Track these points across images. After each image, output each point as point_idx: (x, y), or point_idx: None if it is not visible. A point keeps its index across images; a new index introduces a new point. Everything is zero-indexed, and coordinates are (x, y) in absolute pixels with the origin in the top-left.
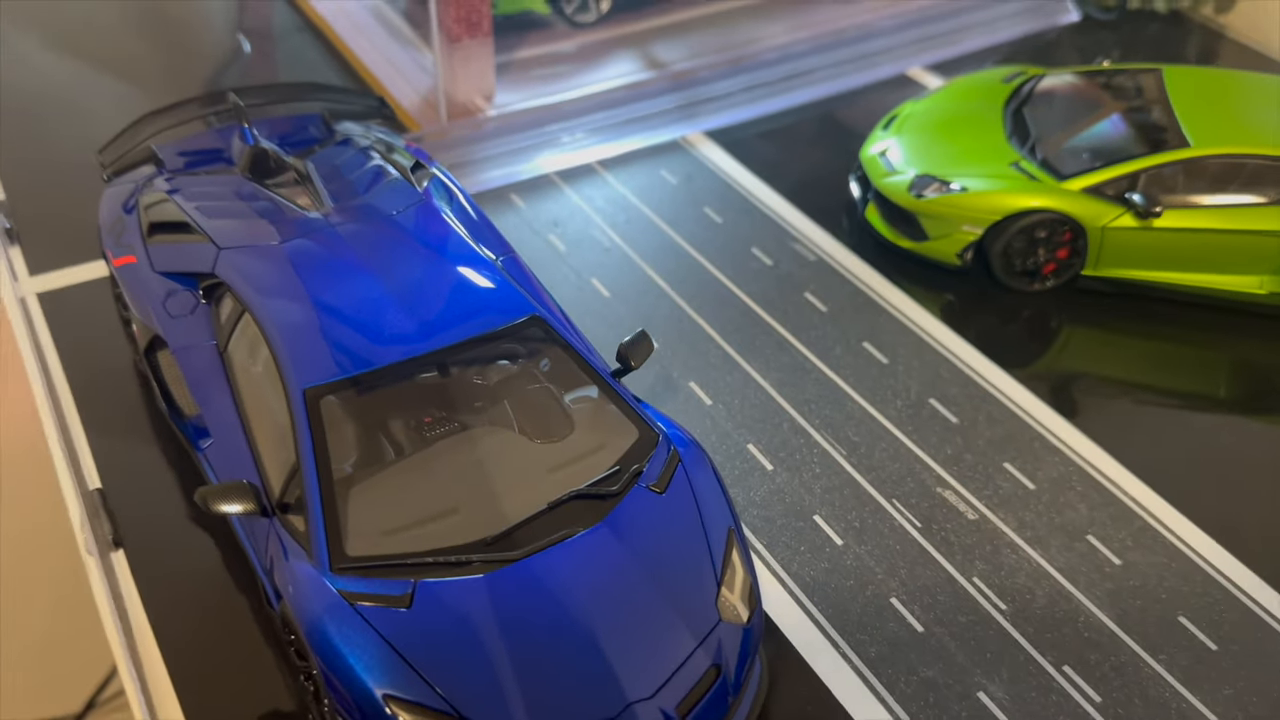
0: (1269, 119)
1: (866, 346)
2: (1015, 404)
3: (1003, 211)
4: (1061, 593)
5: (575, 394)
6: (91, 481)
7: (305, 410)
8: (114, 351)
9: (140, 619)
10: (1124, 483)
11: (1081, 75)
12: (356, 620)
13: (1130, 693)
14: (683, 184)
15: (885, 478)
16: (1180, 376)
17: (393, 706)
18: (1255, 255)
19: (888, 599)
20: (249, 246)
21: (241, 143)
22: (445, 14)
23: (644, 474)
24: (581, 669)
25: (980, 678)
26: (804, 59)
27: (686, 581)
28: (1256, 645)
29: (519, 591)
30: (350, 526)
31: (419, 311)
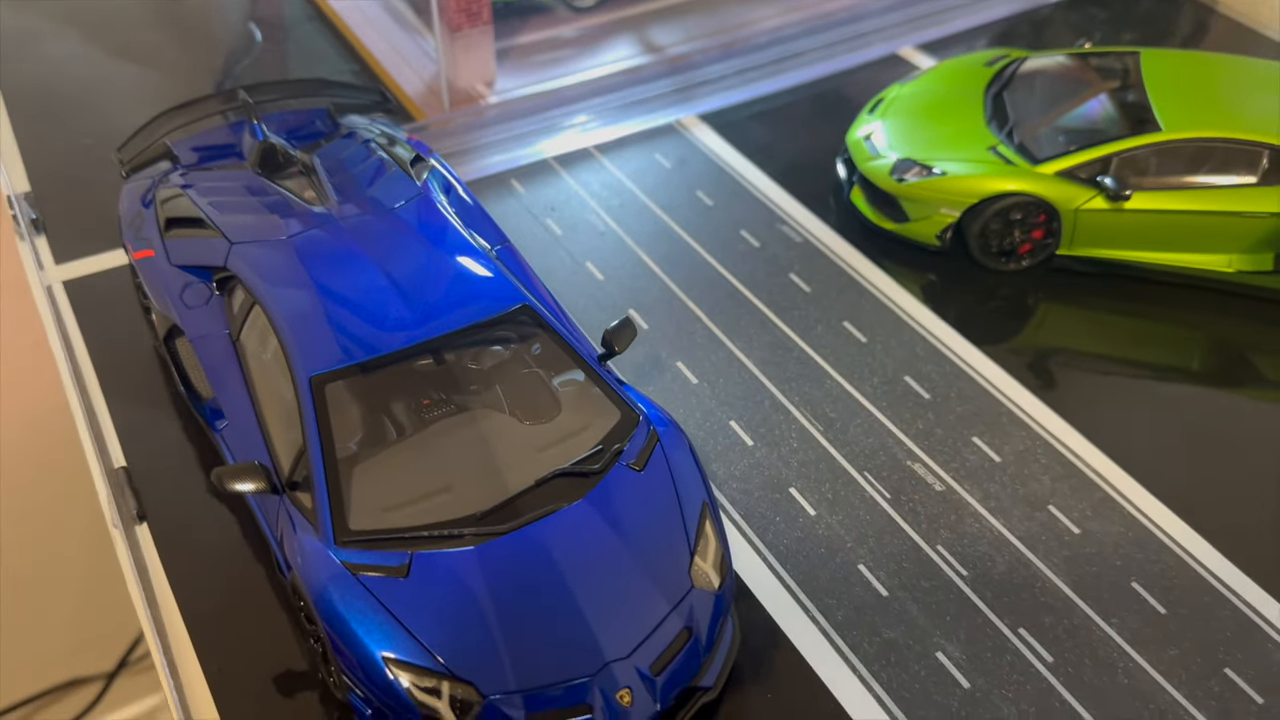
0: (1242, 102)
1: (847, 326)
2: (987, 380)
3: (978, 195)
4: (1021, 560)
5: (562, 378)
6: (117, 460)
7: (311, 396)
8: (136, 336)
9: (164, 587)
10: (1088, 456)
11: (1061, 59)
12: (359, 589)
13: (1081, 654)
14: (676, 167)
15: (859, 451)
16: (1149, 352)
17: (392, 667)
18: (1223, 235)
19: (855, 566)
20: (258, 241)
21: (251, 138)
22: (446, 3)
23: (624, 453)
24: (564, 631)
25: (939, 639)
26: (795, 41)
27: (662, 552)
28: (1204, 609)
29: (507, 561)
30: (352, 503)
31: (417, 301)
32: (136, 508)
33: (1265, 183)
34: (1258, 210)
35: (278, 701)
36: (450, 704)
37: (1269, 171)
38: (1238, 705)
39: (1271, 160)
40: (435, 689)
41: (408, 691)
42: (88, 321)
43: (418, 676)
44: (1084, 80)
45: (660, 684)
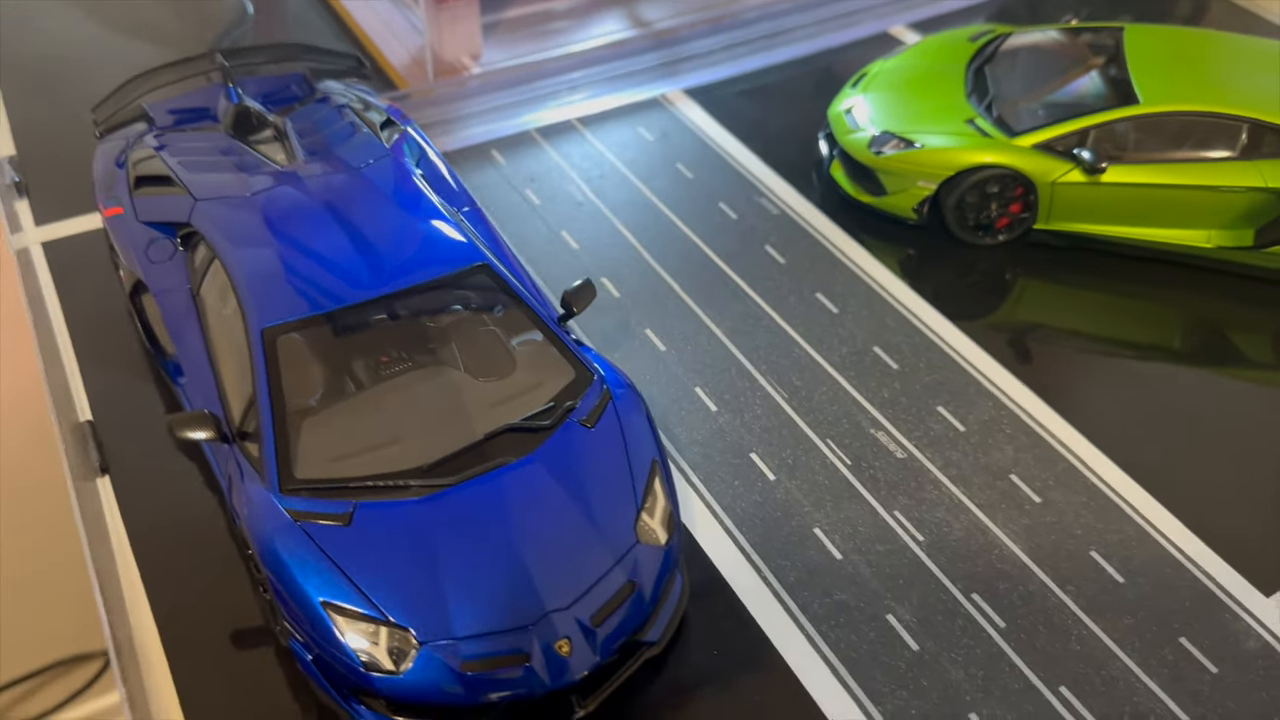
0: (1224, 77)
1: (819, 297)
2: (956, 351)
3: (954, 167)
4: (979, 526)
5: (519, 337)
6: (83, 415)
7: (262, 348)
8: (110, 296)
9: (123, 539)
10: (1054, 427)
11: (1045, 34)
12: (301, 536)
13: (1035, 620)
14: (659, 141)
15: (822, 419)
16: (1123, 328)
17: (330, 613)
18: (1202, 210)
19: (811, 529)
20: (222, 198)
21: (227, 101)
22: None
23: (576, 410)
24: (504, 582)
25: (891, 601)
26: (785, 17)
27: (608, 508)
28: (1163, 580)
29: (450, 513)
30: (299, 453)
31: (374, 258)
32: (99, 460)
33: (1244, 157)
34: (1235, 185)
35: (229, 652)
36: (387, 649)
37: (1248, 146)
38: (1191, 674)
39: (1251, 134)
40: (373, 635)
41: (345, 636)
42: (64, 281)
43: (355, 622)
44: (1066, 55)
45: (601, 635)
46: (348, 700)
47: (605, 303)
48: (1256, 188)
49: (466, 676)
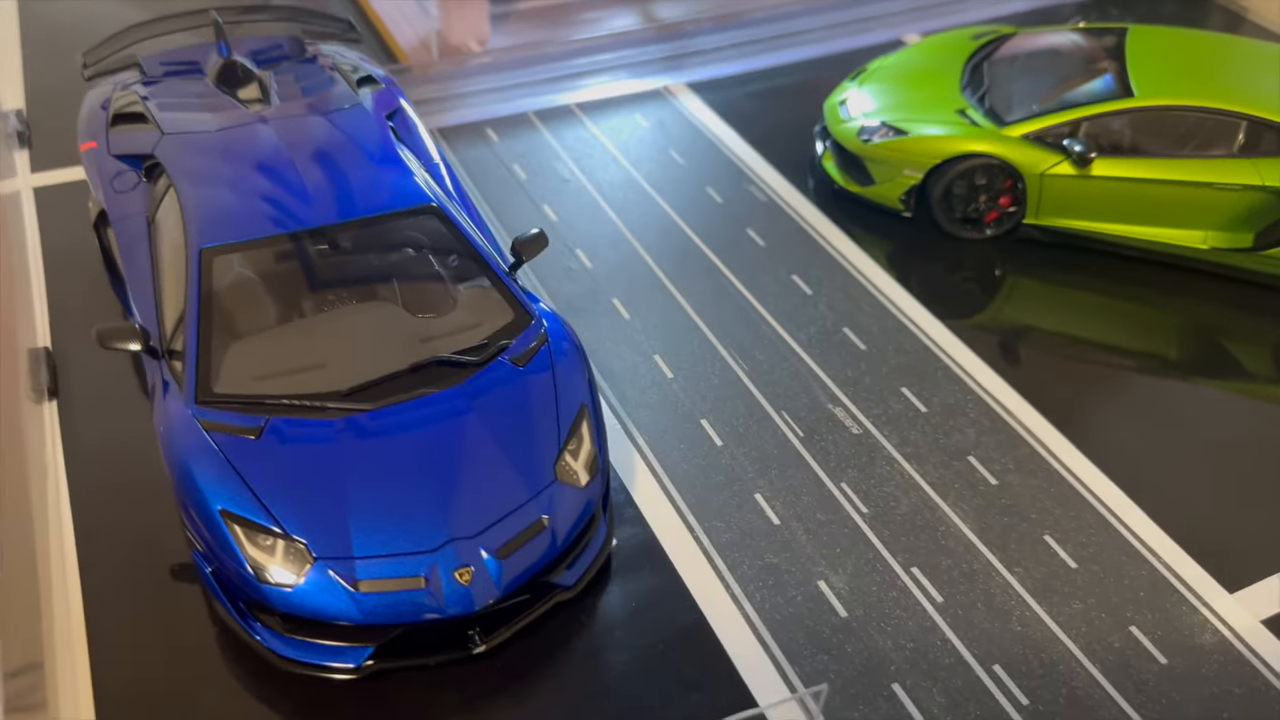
0: (1224, 75)
1: (794, 279)
2: (928, 336)
3: (940, 155)
4: (928, 504)
5: (462, 279)
6: (43, 342)
7: (199, 267)
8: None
9: (59, 464)
10: (1022, 415)
11: (1049, 34)
12: (208, 445)
13: (974, 597)
14: (654, 128)
15: (779, 392)
16: (1109, 327)
17: (228, 521)
18: (1196, 209)
19: (752, 495)
20: (187, 133)
21: (217, 56)
22: None
23: (509, 349)
24: (410, 507)
25: (824, 568)
26: (797, 19)
27: (529, 445)
28: (1118, 567)
29: (363, 436)
30: (220, 368)
31: (324, 193)
32: (49, 382)
33: (1242, 155)
34: (1231, 182)
35: (141, 570)
36: (282, 562)
37: (1246, 144)
38: (1139, 663)
39: (1249, 132)
40: (269, 547)
41: (240, 545)
42: (46, 220)
43: (252, 532)
44: (1066, 53)
45: (506, 569)
46: (244, 617)
47: (576, 272)
48: (1253, 186)
49: (360, 596)
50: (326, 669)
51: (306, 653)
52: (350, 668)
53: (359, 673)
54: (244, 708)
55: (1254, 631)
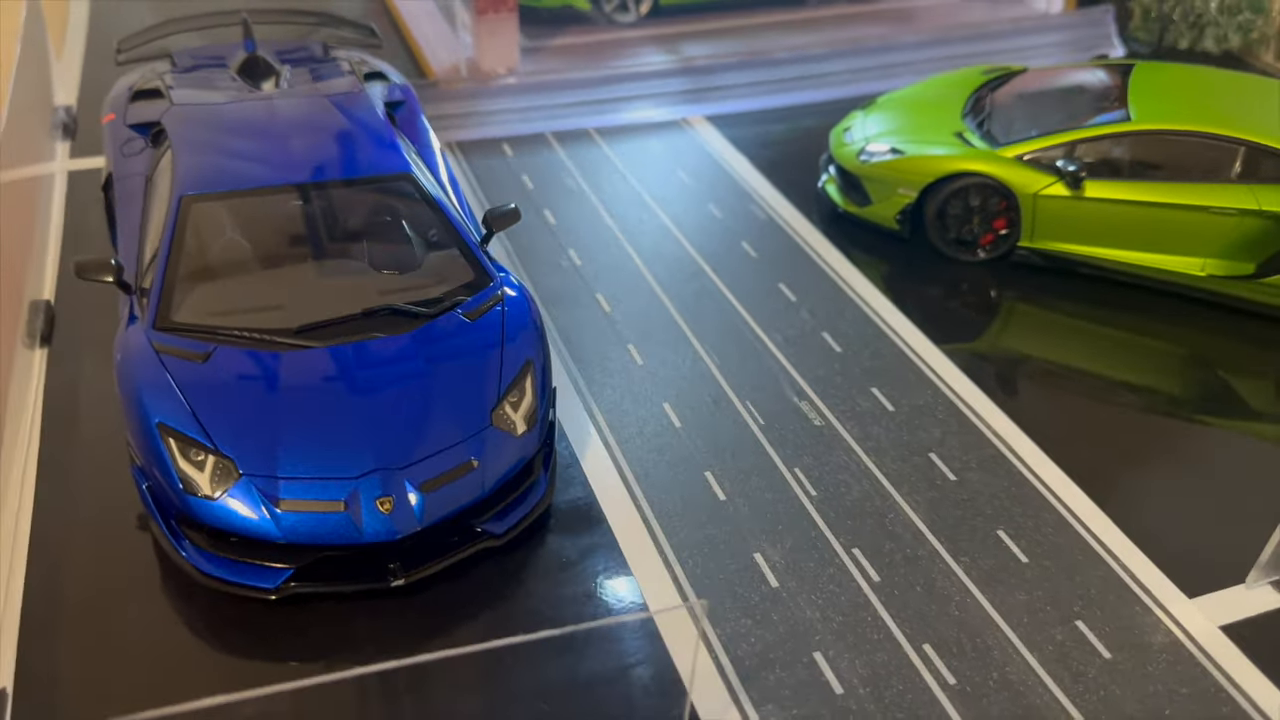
0: (1222, 103)
1: (781, 287)
2: (906, 344)
3: (934, 174)
4: (880, 492)
5: (432, 244)
6: (47, 296)
7: (177, 210)
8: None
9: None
10: (992, 420)
11: (1059, 70)
12: (155, 364)
13: (913, 580)
14: (667, 153)
15: (747, 383)
16: (1095, 351)
17: (164, 434)
18: (1195, 234)
19: (702, 472)
20: (193, 104)
21: (243, 51)
22: None
23: (464, 305)
24: (341, 436)
25: (763, 542)
26: (821, 62)
27: (468, 391)
28: (1072, 567)
29: (305, 370)
30: (182, 300)
31: (307, 156)
32: (44, 329)
33: (1239, 180)
34: (1226, 206)
35: (95, 493)
36: (209, 476)
37: (1243, 170)
38: (1081, 656)
39: (1246, 159)
40: (200, 462)
41: (172, 457)
42: (73, 194)
43: (185, 445)
44: (1071, 84)
45: (428, 503)
46: (174, 534)
47: (565, 269)
48: (1250, 211)
49: (280, 513)
50: (246, 588)
51: (228, 571)
52: (268, 589)
53: (277, 593)
54: (162, 619)
55: (1210, 636)
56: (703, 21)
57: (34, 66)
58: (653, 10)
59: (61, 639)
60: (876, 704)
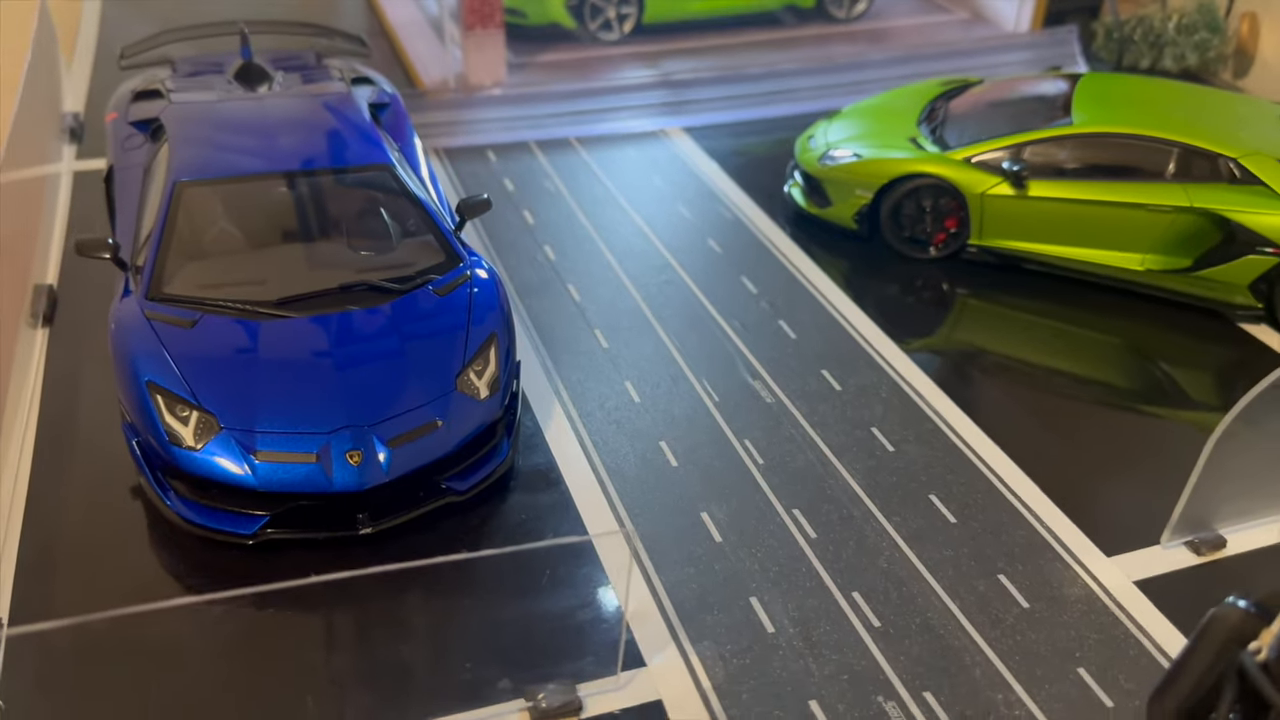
0: (1160, 108)
1: (743, 280)
2: (858, 332)
3: (888, 175)
4: (822, 460)
5: (408, 229)
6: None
7: (171, 194)
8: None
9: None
10: (933, 399)
11: (1013, 81)
12: (146, 329)
13: (847, 536)
14: (643, 160)
15: (705, 365)
16: (1035, 340)
17: (152, 391)
18: (1132, 230)
19: (657, 441)
20: (190, 103)
21: (239, 58)
22: (463, 6)
23: (434, 282)
24: (315, 395)
25: (710, 503)
26: (794, 78)
27: (436, 358)
28: (997, 525)
29: (284, 337)
30: (175, 275)
31: (294, 147)
32: (46, 310)
33: (1173, 180)
34: (1161, 204)
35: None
36: (193, 429)
37: (1177, 170)
38: (999, 604)
39: (1180, 159)
40: (184, 416)
41: (159, 412)
42: (77, 197)
43: (170, 401)
44: (1022, 94)
45: (395, 458)
46: (160, 485)
47: (541, 263)
48: (1183, 208)
49: (256, 463)
50: (225, 534)
51: (209, 518)
52: (246, 534)
53: (254, 539)
54: (148, 562)
55: (1124, 589)
56: (683, 39)
57: (44, 74)
58: (636, 28)
59: (54, 579)
60: (805, 642)
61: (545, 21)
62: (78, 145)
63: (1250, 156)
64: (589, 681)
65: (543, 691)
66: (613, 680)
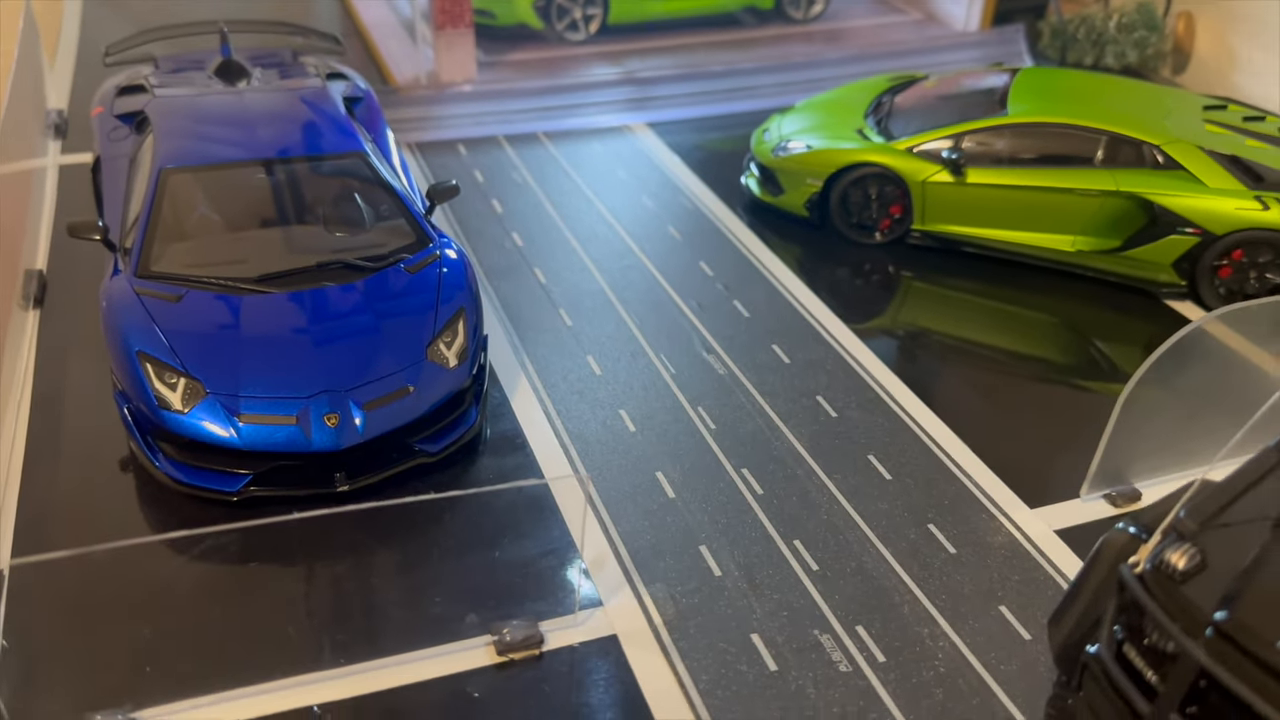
0: (1090, 99)
1: (701, 264)
2: (807, 310)
3: (835, 165)
4: (770, 425)
5: (380, 213)
6: (40, 266)
7: (157, 181)
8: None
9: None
10: (876, 372)
11: (957, 75)
12: (136, 304)
13: (790, 491)
14: (608, 154)
15: (663, 341)
16: (973, 317)
17: (142, 360)
18: (1064, 214)
19: (617, 410)
20: (173, 96)
21: (219, 55)
22: (434, 7)
23: (405, 260)
24: (295, 363)
25: (665, 463)
26: (753, 76)
27: (407, 330)
28: (929, 481)
29: (265, 310)
30: (161, 254)
31: (271, 136)
32: (37, 293)
33: (1101, 166)
34: (1090, 188)
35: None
36: (181, 395)
37: (1105, 157)
38: (928, 550)
39: (1108, 147)
40: (172, 383)
41: (149, 379)
42: (64, 188)
43: (159, 369)
44: (963, 88)
45: (369, 420)
46: (150, 448)
47: (509, 249)
48: (1110, 191)
49: (240, 426)
50: (211, 491)
51: (196, 477)
52: (231, 492)
53: (238, 495)
54: (140, 518)
55: (1045, 537)
56: (647, 39)
57: (29, 72)
58: (601, 29)
59: (51, 536)
60: (749, 583)
61: (514, 22)
62: (62, 140)
63: (1173, 144)
64: (550, 620)
65: (507, 627)
66: (571, 618)
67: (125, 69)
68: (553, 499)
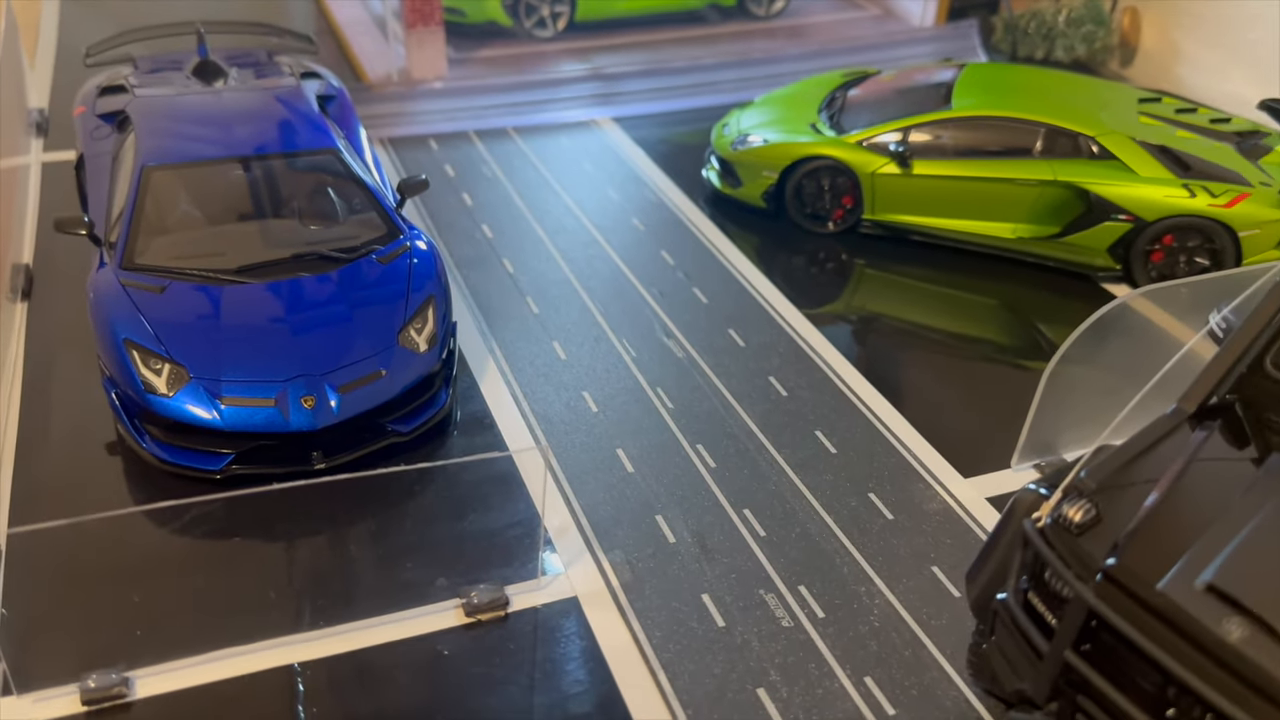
0: (1031, 93)
1: (663, 253)
2: (763, 298)
3: (790, 158)
4: (724, 404)
5: (353, 207)
6: (26, 260)
7: (139, 177)
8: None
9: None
10: (826, 354)
11: (906, 71)
12: (122, 294)
13: (742, 465)
14: (575, 148)
15: (625, 327)
16: (919, 301)
17: (129, 347)
18: (1005, 203)
19: (580, 391)
20: (153, 96)
21: (197, 56)
22: (405, 5)
23: (377, 252)
24: (273, 349)
25: (625, 441)
26: (715, 71)
27: (379, 317)
28: (870, 453)
29: (244, 299)
30: (145, 248)
31: (248, 134)
32: (24, 286)
33: (1039, 157)
34: (1029, 178)
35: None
36: (166, 380)
37: (1043, 148)
38: (867, 516)
39: (1046, 138)
40: (157, 369)
41: (135, 366)
42: (46, 185)
43: (145, 356)
44: (911, 83)
45: (344, 402)
46: (138, 431)
47: (479, 240)
48: (1048, 181)
49: (222, 408)
50: (195, 470)
51: (180, 457)
52: (214, 470)
53: (221, 474)
54: (128, 497)
55: (977, 504)
56: (613, 36)
57: (11, 71)
58: (568, 26)
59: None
60: (700, 549)
61: (483, 19)
62: (44, 139)
63: (1107, 135)
64: (516, 584)
65: (475, 590)
66: (535, 582)
67: (105, 69)
68: (518, 473)
